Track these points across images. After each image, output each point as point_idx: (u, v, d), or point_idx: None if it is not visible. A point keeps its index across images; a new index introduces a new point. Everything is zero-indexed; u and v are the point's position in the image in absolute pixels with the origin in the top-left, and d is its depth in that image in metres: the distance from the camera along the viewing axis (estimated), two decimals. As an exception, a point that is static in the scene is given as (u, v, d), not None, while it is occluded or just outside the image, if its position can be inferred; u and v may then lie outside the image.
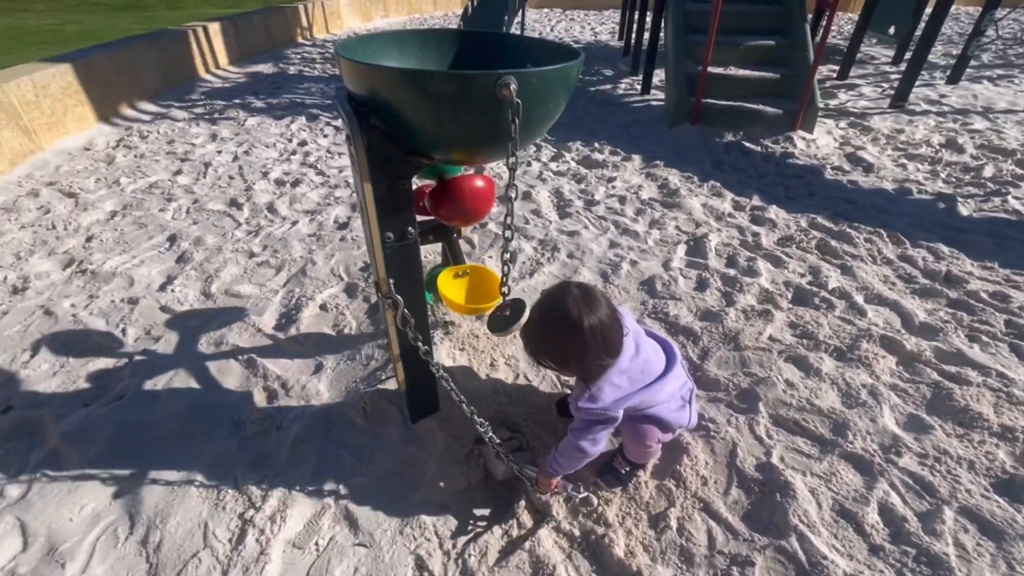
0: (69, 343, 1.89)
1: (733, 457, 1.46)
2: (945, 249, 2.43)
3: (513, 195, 0.99)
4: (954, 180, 3.17)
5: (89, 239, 2.57)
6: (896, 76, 5.31)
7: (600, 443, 1.20)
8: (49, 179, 3.22)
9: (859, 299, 2.10)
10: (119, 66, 4.45)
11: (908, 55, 5.25)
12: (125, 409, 1.62)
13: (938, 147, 3.67)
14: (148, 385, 1.71)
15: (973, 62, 5.80)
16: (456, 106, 0.87)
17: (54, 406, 1.63)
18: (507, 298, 1.22)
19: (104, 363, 1.81)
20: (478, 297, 1.54)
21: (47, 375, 1.75)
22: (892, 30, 5.97)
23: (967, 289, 2.15)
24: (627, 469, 1.39)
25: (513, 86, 0.83)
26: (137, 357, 1.83)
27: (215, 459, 1.46)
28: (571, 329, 1.07)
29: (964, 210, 2.80)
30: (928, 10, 4.69)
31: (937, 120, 4.21)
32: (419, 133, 0.95)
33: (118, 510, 1.32)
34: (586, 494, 1.33)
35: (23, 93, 3.44)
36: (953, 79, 5.26)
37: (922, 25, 4.60)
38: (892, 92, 4.72)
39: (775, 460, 1.44)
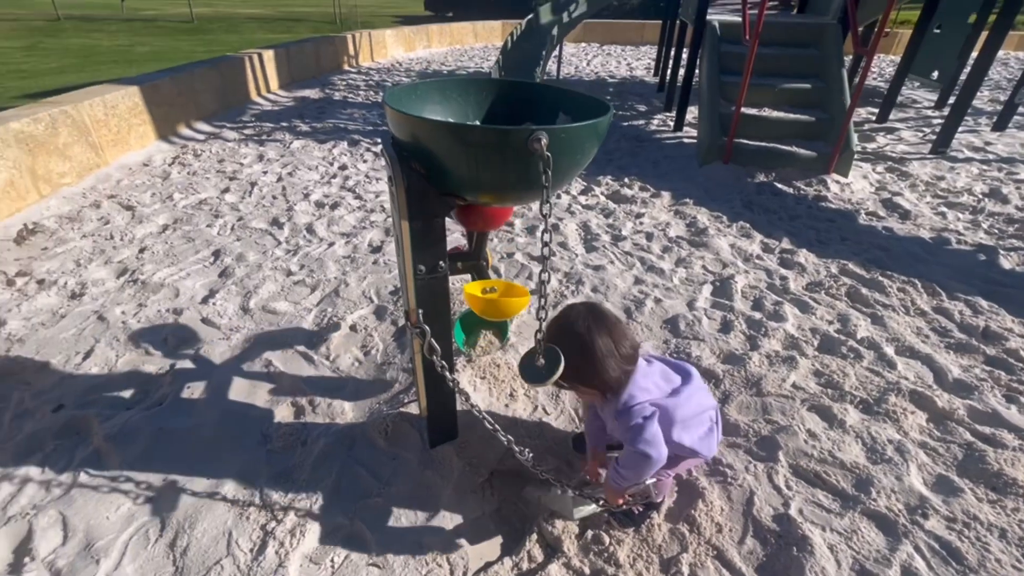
0: (118, 348, 2.02)
1: (750, 506, 1.44)
2: (984, 303, 2.36)
3: (548, 239, 1.02)
4: (997, 231, 3.09)
5: (142, 250, 2.75)
6: (939, 121, 5.22)
7: (657, 441, 1.15)
8: (111, 192, 3.46)
9: (889, 351, 2.06)
10: (180, 89, 4.78)
11: (952, 100, 5.17)
12: (163, 415, 1.71)
13: (981, 196, 3.59)
14: (185, 393, 1.81)
15: (1021, 108, 5.66)
16: (491, 156, 0.94)
17: (100, 407, 1.73)
18: (540, 345, 1.12)
19: (147, 369, 1.93)
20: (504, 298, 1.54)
21: (96, 377, 1.87)
22: (935, 75, 5.90)
23: (1006, 347, 2.08)
24: (640, 509, 1.39)
25: (544, 141, 0.89)
26: (177, 365, 1.94)
27: (242, 469, 1.53)
28: (585, 344, 1.12)
29: (1006, 263, 2.72)
30: (974, 54, 4.65)
31: (981, 168, 4.12)
32: (455, 177, 1.02)
33: (150, 512, 1.40)
34: (650, 507, 1.36)
35: (95, 112, 3.73)
36: (999, 126, 5.14)
37: (967, 69, 4.54)
38: (933, 137, 4.64)
39: (793, 512, 1.42)
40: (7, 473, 1.49)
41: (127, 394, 1.81)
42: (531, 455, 1.27)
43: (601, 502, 1.29)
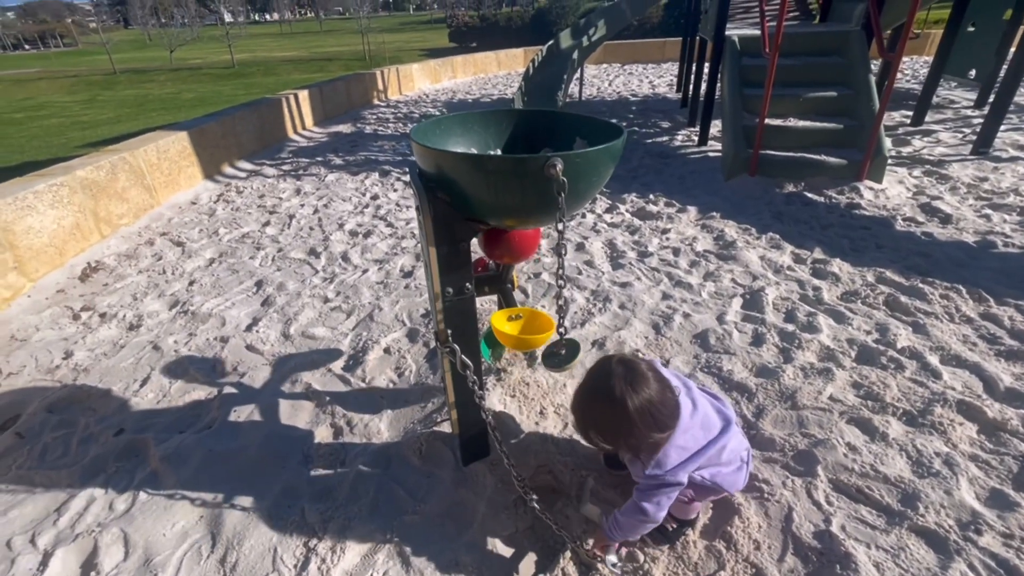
0: (171, 375, 2.16)
1: (789, 522, 1.41)
2: (1036, 308, 2.25)
3: (563, 252, 1.09)
4: (1047, 232, 2.94)
5: (191, 283, 2.93)
6: (979, 120, 5.03)
7: (663, 508, 1.17)
8: (163, 230, 3.72)
9: (933, 360, 1.98)
10: (224, 131, 5.12)
11: (992, 98, 4.99)
12: (213, 437, 1.81)
13: (1028, 196, 3.43)
14: (232, 416, 1.91)
15: (1069, 104, 5.40)
16: (510, 183, 1.00)
17: (156, 431, 1.85)
18: (563, 337, 1.29)
19: (198, 394, 2.05)
20: (531, 333, 1.59)
21: (152, 403, 2.00)
22: (972, 73, 5.72)
23: (1062, 352, 1.97)
24: (674, 526, 1.38)
25: (560, 166, 0.94)
26: (225, 390, 2.06)
27: (286, 488, 1.60)
28: (618, 410, 1.06)
29: (1059, 265, 2.58)
30: (1012, 49, 4.49)
31: (1027, 167, 3.94)
32: (478, 204, 1.09)
33: (203, 529, 1.48)
34: (684, 523, 1.36)
35: (149, 157, 4.04)
36: (1045, 122, 4.91)
37: (1006, 66, 4.39)
38: (974, 137, 4.48)
39: (835, 528, 1.38)
40: (75, 493, 1.61)
41: (180, 418, 1.93)
42: (526, 482, 1.30)
43: (576, 546, 1.30)
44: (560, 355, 1.31)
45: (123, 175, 3.74)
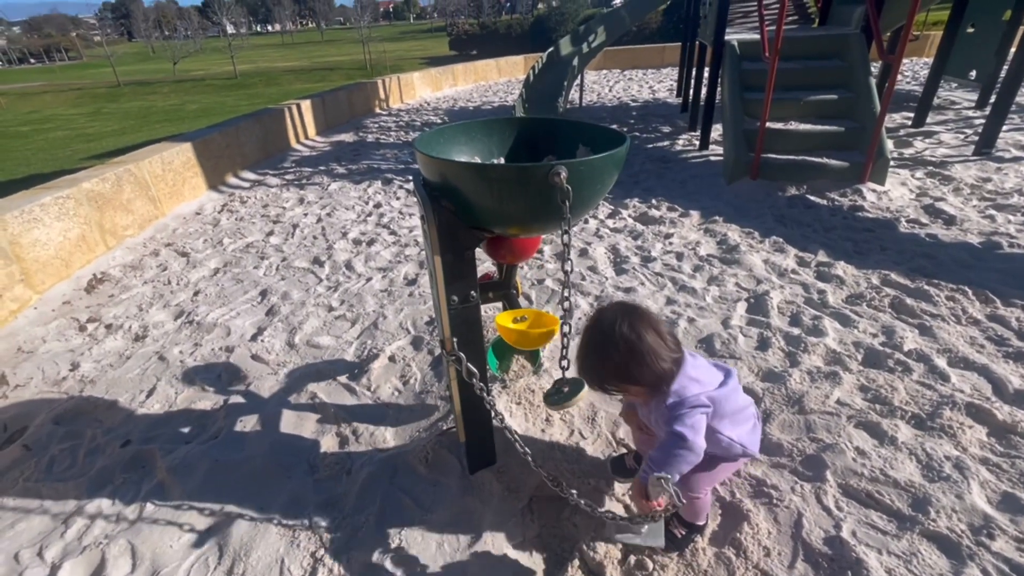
0: (177, 386, 2.16)
1: (799, 528, 1.40)
2: (1043, 308, 2.24)
3: (569, 269, 1.08)
4: (1052, 232, 2.93)
5: (196, 293, 2.94)
6: (981, 121, 5.03)
7: (700, 431, 1.12)
8: (167, 240, 3.74)
9: (941, 362, 1.97)
10: (228, 142, 5.15)
11: (993, 98, 4.98)
12: (219, 447, 1.81)
13: (1032, 196, 3.42)
14: (238, 426, 1.91)
15: (1071, 103, 5.39)
16: (514, 191, 1.00)
17: (162, 442, 1.85)
18: (566, 376, 1.29)
19: (203, 405, 2.05)
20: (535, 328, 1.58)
21: (158, 414, 2.01)
22: (973, 74, 5.72)
23: (1071, 353, 1.96)
24: (684, 532, 1.37)
25: (564, 174, 0.95)
26: (231, 400, 2.06)
27: (292, 498, 1.60)
28: (630, 341, 1.08)
29: (1065, 265, 2.57)
30: (1012, 50, 4.49)
31: (1030, 167, 3.93)
32: (482, 213, 1.09)
33: (210, 540, 1.47)
34: (693, 529, 1.35)
35: (153, 169, 4.07)
36: (1048, 122, 4.90)
37: (1006, 66, 4.39)
38: (976, 138, 4.47)
39: (846, 534, 1.37)
40: (82, 505, 1.61)
41: (186, 429, 1.93)
42: (561, 480, 1.28)
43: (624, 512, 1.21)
44: (563, 392, 1.30)
45: (128, 187, 3.77)
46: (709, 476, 1.29)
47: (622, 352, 1.09)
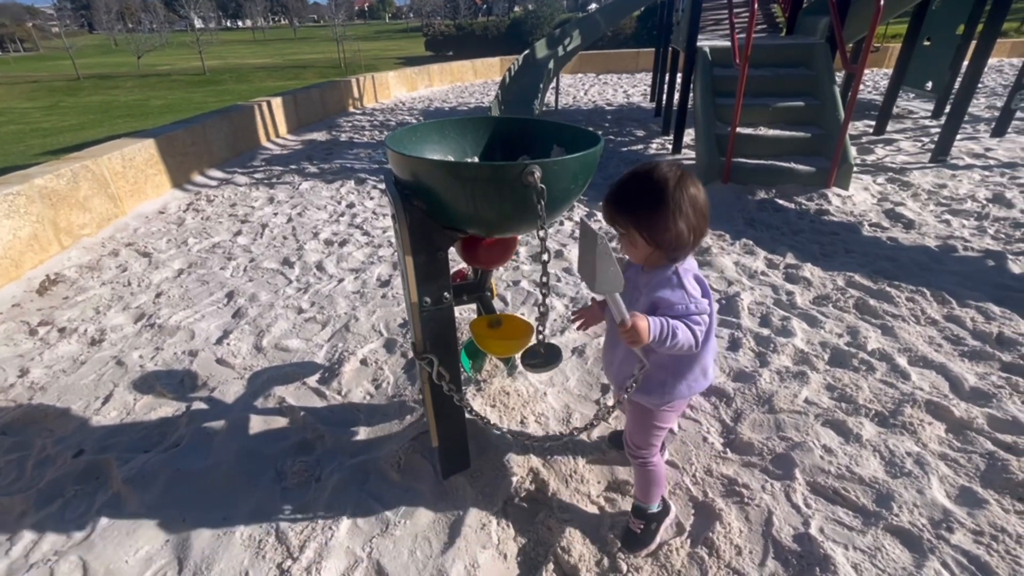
0: (136, 392, 2.06)
1: (769, 526, 1.42)
2: (996, 309, 2.34)
3: (546, 258, 1.06)
4: (1003, 236, 3.07)
5: (158, 295, 2.83)
6: (936, 130, 5.26)
7: (700, 331, 1.06)
8: (128, 240, 3.58)
9: (902, 361, 2.04)
10: (194, 138, 4.98)
11: (948, 108, 5.22)
12: (180, 456, 1.73)
13: (984, 202, 3.58)
14: (201, 434, 1.83)
15: (1019, 114, 5.68)
16: (488, 191, 0.98)
17: (119, 451, 1.76)
18: (544, 341, 1.28)
19: (164, 411, 1.96)
20: (510, 338, 1.57)
21: (115, 422, 1.91)
22: (929, 85, 5.99)
23: (1022, 352, 2.05)
24: (641, 527, 1.37)
25: (538, 174, 0.93)
26: (194, 406, 1.97)
27: (258, 507, 1.54)
28: (670, 189, 1.00)
29: (1016, 268, 2.70)
30: (965, 62, 4.71)
31: (983, 174, 4.13)
32: (455, 212, 1.07)
33: (169, 554, 1.40)
34: (652, 520, 1.37)
35: (113, 165, 3.90)
36: (998, 132, 5.16)
37: (960, 78, 4.60)
38: (933, 146, 4.67)
39: (814, 531, 1.39)
40: (29, 520, 1.51)
41: (145, 437, 1.84)
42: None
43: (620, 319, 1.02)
44: (540, 355, 1.31)
45: (85, 184, 3.60)
46: (667, 409, 1.22)
47: (657, 194, 1.01)
